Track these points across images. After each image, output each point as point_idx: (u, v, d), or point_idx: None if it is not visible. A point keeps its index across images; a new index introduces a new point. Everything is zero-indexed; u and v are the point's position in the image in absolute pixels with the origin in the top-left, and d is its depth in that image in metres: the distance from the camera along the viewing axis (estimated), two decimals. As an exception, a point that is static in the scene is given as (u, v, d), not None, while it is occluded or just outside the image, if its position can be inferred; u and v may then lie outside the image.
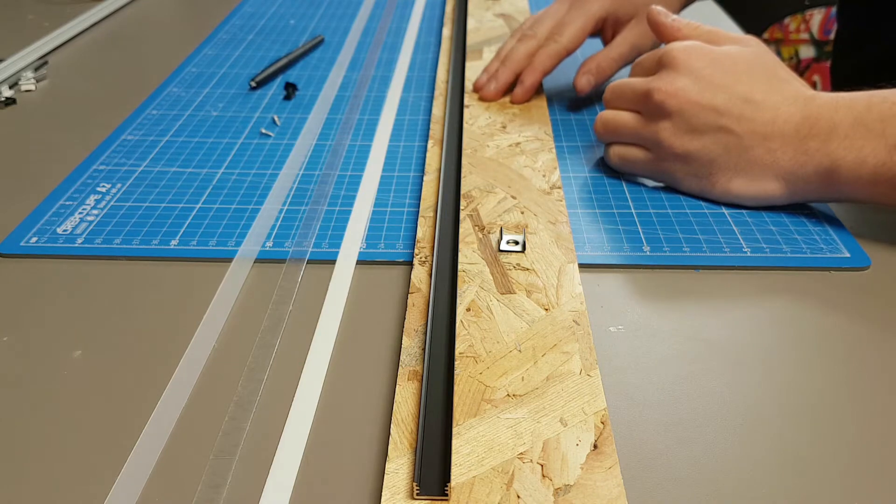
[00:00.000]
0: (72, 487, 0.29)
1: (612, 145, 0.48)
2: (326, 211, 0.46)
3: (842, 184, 0.40)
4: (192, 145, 0.54)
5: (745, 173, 0.42)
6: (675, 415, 0.32)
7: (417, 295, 0.37)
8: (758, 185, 0.42)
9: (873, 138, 0.39)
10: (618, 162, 0.48)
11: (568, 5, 0.59)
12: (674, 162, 0.44)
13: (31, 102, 0.62)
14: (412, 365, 0.33)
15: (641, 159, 0.46)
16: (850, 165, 0.39)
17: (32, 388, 0.33)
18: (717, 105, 0.42)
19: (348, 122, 0.57)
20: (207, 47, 0.72)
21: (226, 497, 0.28)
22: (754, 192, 0.43)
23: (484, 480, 0.27)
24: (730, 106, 0.42)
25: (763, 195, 0.43)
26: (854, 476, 0.29)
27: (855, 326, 0.37)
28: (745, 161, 0.42)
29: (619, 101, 0.47)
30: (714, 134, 0.42)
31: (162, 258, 0.42)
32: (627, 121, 0.46)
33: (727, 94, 0.42)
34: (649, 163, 0.46)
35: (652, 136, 0.45)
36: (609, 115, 0.48)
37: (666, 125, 0.44)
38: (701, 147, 0.43)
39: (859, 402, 0.32)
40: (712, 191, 0.44)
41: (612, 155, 0.48)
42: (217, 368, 0.34)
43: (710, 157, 0.43)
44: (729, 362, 0.34)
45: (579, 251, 0.41)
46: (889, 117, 0.38)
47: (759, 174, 0.42)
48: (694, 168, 0.44)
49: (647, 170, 0.46)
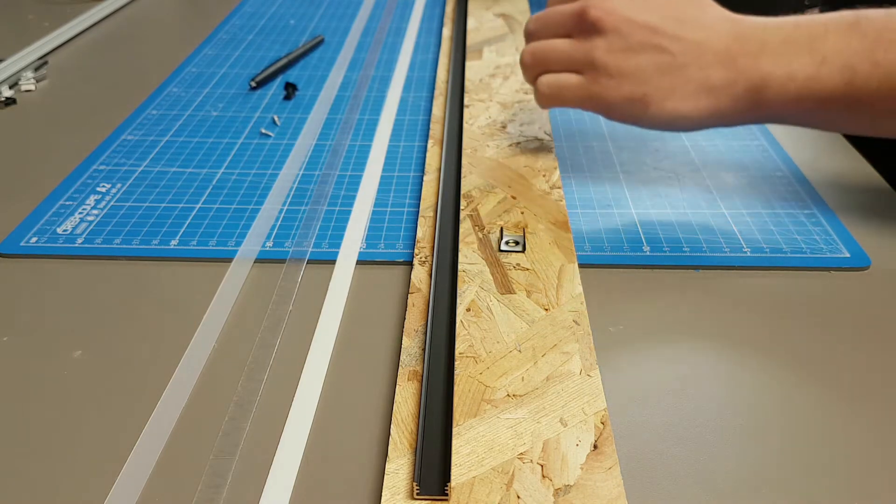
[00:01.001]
0: (72, 487, 0.29)
1: (540, 77, 0.46)
2: (326, 211, 0.46)
3: (770, 101, 0.41)
4: (192, 145, 0.54)
5: (678, 93, 0.42)
6: (675, 415, 0.32)
7: (417, 295, 0.37)
8: (689, 103, 0.42)
9: (802, 54, 0.40)
10: (548, 92, 0.45)
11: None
12: (607, 83, 0.43)
13: (31, 102, 0.62)
14: (412, 365, 0.33)
15: (573, 84, 0.44)
16: (779, 81, 0.40)
17: (32, 388, 0.33)
18: (653, 24, 0.42)
19: (348, 122, 0.57)
20: (207, 47, 0.72)
21: (226, 497, 0.28)
22: (685, 110, 0.42)
23: (484, 480, 0.27)
24: (664, 25, 0.42)
25: (694, 114, 0.42)
26: (854, 476, 0.29)
27: (855, 326, 0.37)
28: (678, 80, 0.42)
29: (545, 31, 0.46)
30: (649, 53, 0.42)
31: (162, 258, 0.42)
32: (558, 45, 0.45)
33: (661, 14, 0.42)
34: (581, 88, 0.44)
35: (586, 55, 0.43)
36: (537, 44, 0.46)
37: (600, 43, 0.43)
38: (636, 66, 0.42)
39: (859, 402, 0.32)
40: (645, 112, 0.43)
41: (542, 85, 0.45)
42: (217, 368, 0.34)
43: (645, 76, 0.42)
44: (729, 362, 0.34)
45: (579, 251, 0.41)
46: (817, 35, 0.40)
47: (691, 93, 0.42)
48: (628, 88, 0.42)
49: (579, 96, 0.44)
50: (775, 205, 0.46)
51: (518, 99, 0.58)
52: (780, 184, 0.48)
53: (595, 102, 0.44)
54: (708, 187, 0.48)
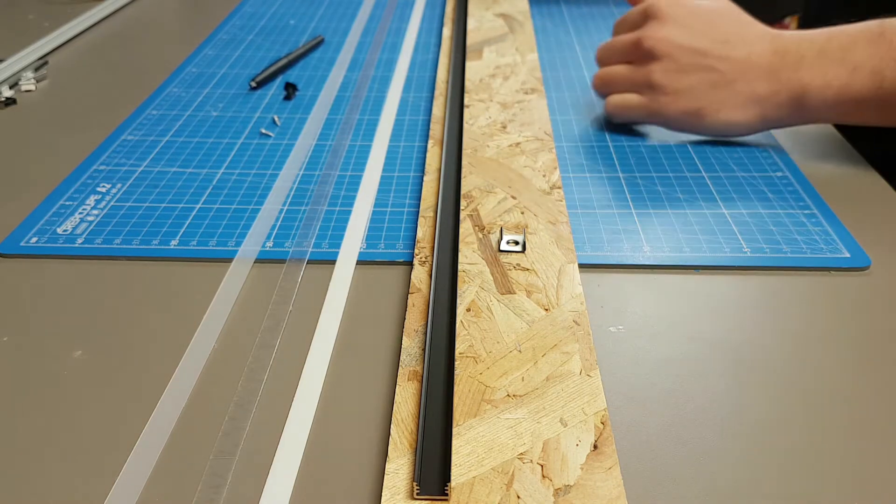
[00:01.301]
0: (72, 487, 0.29)
1: (609, 97, 0.54)
2: (326, 211, 0.46)
3: (811, 107, 0.47)
4: (192, 145, 0.54)
5: (729, 105, 0.49)
6: (675, 415, 0.32)
7: (417, 295, 0.37)
8: (739, 113, 0.49)
9: (836, 65, 0.46)
10: (614, 111, 0.53)
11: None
12: (665, 100, 0.50)
13: (31, 102, 0.62)
14: (412, 365, 0.33)
15: (636, 103, 0.52)
16: (817, 89, 0.46)
17: (32, 389, 0.33)
18: (701, 48, 0.49)
19: (348, 122, 0.57)
20: (207, 47, 0.72)
21: (226, 497, 0.28)
22: (737, 119, 0.49)
23: (484, 480, 0.27)
24: (712, 48, 0.49)
25: (744, 122, 0.50)
26: (854, 476, 0.29)
27: (855, 326, 0.37)
28: (728, 94, 0.49)
29: (610, 57, 0.54)
30: (700, 72, 0.49)
31: (162, 258, 0.42)
32: (621, 70, 0.53)
33: (709, 38, 0.49)
34: (643, 106, 0.51)
35: (645, 79, 0.51)
36: (604, 70, 0.54)
37: (657, 67, 0.50)
38: (689, 84, 0.49)
39: (859, 403, 0.32)
40: (701, 123, 0.50)
41: (610, 105, 0.53)
42: (217, 368, 0.34)
43: (698, 92, 0.49)
44: (729, 362, 0.34)
45: (579, 251, 0.41)
46: (847, 46, 0.46)
47: (740, 104, 0.49)
48: (683, 104, 0.50)
49: (642, 113, 0.52)
50: (775, 205, 0.46)
51: (518, 99, 0.58)
52: (780, 184, 0.48)
53: (656, 117, 0.52)
54: (708, 187, 0.48)
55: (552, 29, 0.76)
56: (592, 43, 0.73)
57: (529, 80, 0.61)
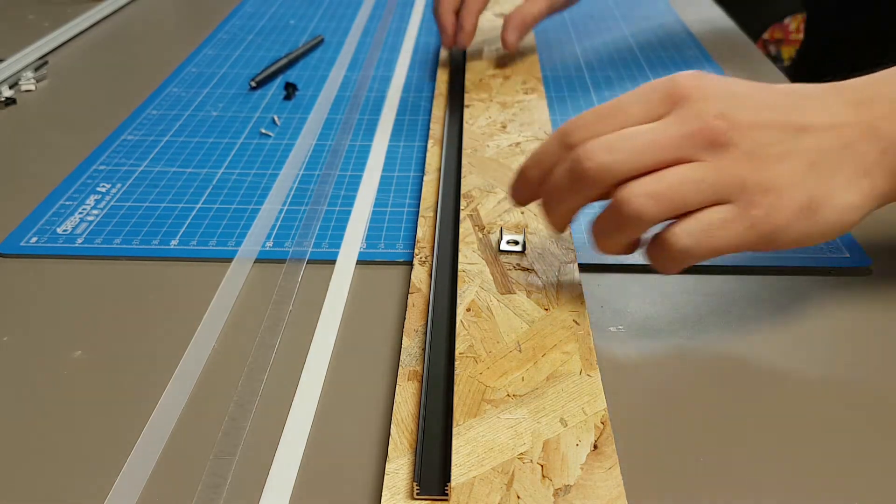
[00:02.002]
0: (72, 487, 0.29)
1: (674, 228, 0.33)
2: (326, 211, 0.46)
3: None
4: (192, 145, 0.54)
5: (839, 185, 0.33)
6: (674, 415, 0.32)
7: (417, 295, 0.37)
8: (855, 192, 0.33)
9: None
10: (692, 242, 0.32)
11: None
12: (765, 201, 0.32)
13: (31, 102, 0.62)
14: (412, 365, 0.33)
15: (726, 217, 0.32)
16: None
17: (32, 389, 0.33)
18: (773, 119, 0.33)
19: (348, 122, 0.57)
20: (207, 47, 0.72)
21: (226, 497, 0.28)
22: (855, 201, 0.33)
23: (484, 480, 0.27)
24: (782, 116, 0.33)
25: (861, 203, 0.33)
26: (855, 476, 0.29)
27: (855, 327, 0.37)
28: (831, 170, 0.33)
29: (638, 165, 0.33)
30: (792, 147, 0.33)
31: (162, 258, 0.42)
32: (690, 173, 0.32)
33: (767, 108, 0.34)
34: (737, 220, 0.32)
35: (729, 175, 0.32)
36: (652, 180, 0.32)
37: (737, 156, 0.32)
38: (785, 170, 0.32)
39: (860, 403, 0.32)
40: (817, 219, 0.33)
41: (683, 236, 0.32)
42: (217, 368, 0.34)
43: (798, 178, 0.33)
44: (729, 363, 0.34)
45: (579, 251, 0.41)
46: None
47: (850, 180, 0.33)
48: (789, 199, 0.32)
49: (738, 232, 0.32)
50: (775, 205, 0.46)
51: (518, 99, 0.58)
52: (780, 184, 0.48)
53: (759, 231, 0.32)
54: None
55: (552, 29, 0.76)
56: (593, 43, 0.73)
57: (529, 80, 0.61)
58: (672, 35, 0.74)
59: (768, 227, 0.32)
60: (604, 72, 0.66)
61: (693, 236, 0.32)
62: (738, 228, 0.32)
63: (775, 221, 0.32)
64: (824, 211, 0.33)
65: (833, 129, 0.33)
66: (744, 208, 0.32)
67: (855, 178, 0.33)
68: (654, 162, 0.32)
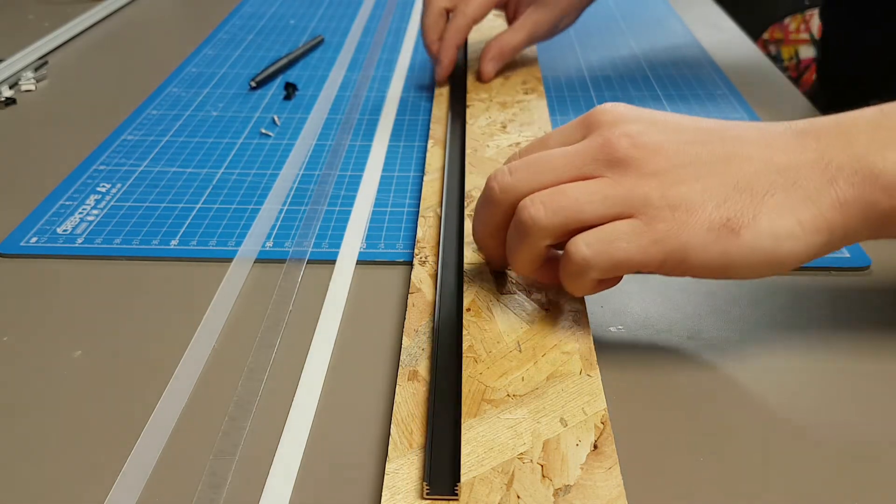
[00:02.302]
0: (72, 487, 0.29)
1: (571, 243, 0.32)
2: (326, 211, 0.46)
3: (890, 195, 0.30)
4: (192, 145, 0.54)
5: (768, 205, 0.30)
6: (674, 414, 0.32)
7: (417, 295, 0.37)
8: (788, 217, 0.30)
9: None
10: (591, 252, 0.31)
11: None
12: (673, 217, 0.31)
13: (31, 102, 0.62)
14: (412, 365, 0.33)
15: (627, 231, 0.31)
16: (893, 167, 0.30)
17: (32, 389, 0.33)
18: (694, 138, 0.32)
19: (348, 122, 0.57)
20: (207, 47, 0.72)
21: (226, 497, 0.28)
22: (787, 226, 0.30)
23: (484, 480, 0.27)
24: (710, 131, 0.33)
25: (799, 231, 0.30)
26: (855, 477, 0.29)
27: (855, 327, 0.37)
28: (761, 191, 0.30)
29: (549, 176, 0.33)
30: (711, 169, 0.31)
31: (162, 258, 0.42)
32: (587, 186, 0.32)
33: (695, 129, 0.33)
34: (639, 233, 0.31)
35: (631, 191, 0.31)
36: (551, 190, 0.32)
37: (645, 175, 0.31)
38: (702, 189, 0.31)
39: (860, 404, 0.32)
40: (736, 241, 0.30)
41: (581, 247, 0.31)
42: (217, 368, 0.34)
43: (719, 193, 0.31)
44: (729, 362, 0.34)
45: (579, 251, 0.41)
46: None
47: (783, 202, 0.30)
48: (703, 217, 0.30)
49: (639, 246, 0.31)
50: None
51: (518, 99, 0.58)
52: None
53: (665, 246, 0.30)
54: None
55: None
56: (592, 43, 0.73)
57: (529, 80, 0.61)
58: (672, 35, 0.74)
59: (675, 242, 0.30)
60: (603, 72, 0.66)
61: (592, 247, 0.31)
62: (641, 242, 0.31)
63: (682, 237, 0.30)
64: (747, 233, 0.30)
65: (765, 157, 0.31)
66: (648, 222, 0.31)
67: (792, 203, 0.30)
68: (554, 179, 0.32)
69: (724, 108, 0.59)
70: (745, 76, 0.64)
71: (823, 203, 0.30)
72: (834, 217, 0.30)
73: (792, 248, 0.30)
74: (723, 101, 0.60)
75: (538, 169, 0.33)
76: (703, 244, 0.30)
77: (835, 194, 0.30)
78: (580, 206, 0.31)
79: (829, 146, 0.31)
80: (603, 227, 0.31)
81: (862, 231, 0.31)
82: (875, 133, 0.30)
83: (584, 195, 0.31)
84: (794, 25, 1.22)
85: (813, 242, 0.30)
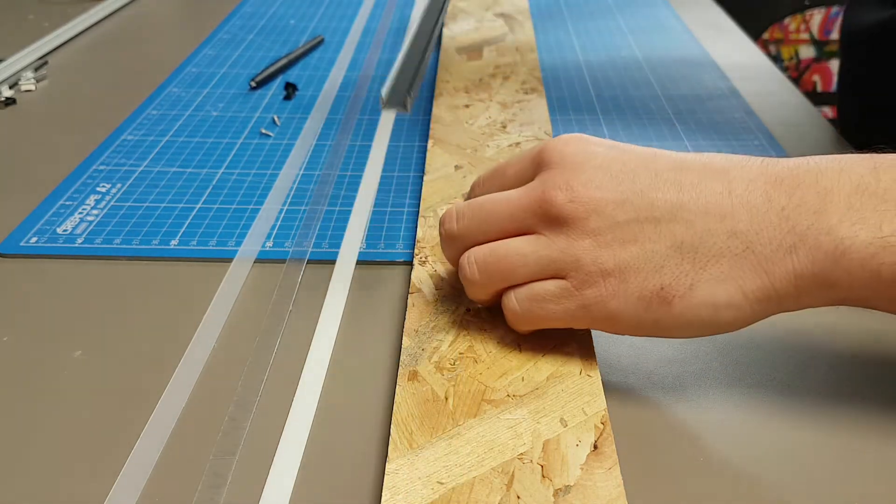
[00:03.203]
0: (72, 487, 0.29)
1: (506, 294, 0.33)
2: (326, 211, 0.46)
3: (852, 277, 0.27)
4: (192, 145, 0.54)
5: (708, 274, 0.29)
6: (675, 414, 0.32)
7: (417, 295, 0.37)
8: (727, 287, 0.28)
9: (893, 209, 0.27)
10: (521, 310, 0.32)
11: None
12: (604, 283, 0.30)
13: (31, 102, 0.62)
14: (412, 365, 0.33)
15: (554, 293, 0.31)
16: (862, 246, 0.27)
17: (32, 389, 0.33)
18: (645, 186, 0.30)
19: (348, 122, 0.57)
20: (207, 47, 0.72)
21: (226, 497, 0.28)
22: (724, 297, 0.29)
23: (484, 481, 0.27)
24: (660, 191, 0.30)
25: (739, 301, 0.29)
26: (854, 477, 0.29)
27: (855, 327, 0.37)
28: (705, 256, 0.29)
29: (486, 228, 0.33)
30: (653, 229, 0.29)
31: (162, 258, 0.42)
32: (521, 247, 0.32)
33: (651, 173, 0.30)
34: (567, 295, 0.31)
35: (563, 252, 0.30)
36: (488, 253, 0.32)
37: (580, 235, 0.30)
38: (639, 253, 0.30)
39: (860, 404, 0.32)
40: (667, 312, 0.29)
41: (512, 303, 0.32)
42: (217, 368, 0.34)
43: (655, 261, 0.29)
44: (728, 362, 0.34)
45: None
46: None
47: (728, 273, 0.28)
48: (635, 284, 0.29)
49: (566, 309, 0.31)
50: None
51: (518, 99, 0.58)
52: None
53: (593, 313, 0.30)
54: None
55: (552, 29, 0.76)
56: (592, 43, 0.73)
57: (529, 80, 0.61)
58: (672, 35, 0.74)
59: (603, 310, 0.30)
60: (603, 72, 0.66)
61: (522, 304, 0.32)
62: (568, 305, 0.31)
63: (611, 305, 0.30)
64: (680, 303, 0.29)
65: (721, 213, 0.29)
66: (577, 286, 0.30)
67: (739, 272, 0.28)
68: (495, 232, 0.32)
69: (724, 107, 0.59)
70: (745, 76, 0.64)
71: (776, 273, 0.28)
72: (786, 288, 0.28)
73: (733, 316, 0.29)
74: (722, 101, 0.60)
75: (482, 218, 0.33)
76: (633, 313, 0.30)
77: (790, 266, 0.28)
78: (513, 268, 0.32)
79: (799, 206, 0.28)
80: (533, 286, 0.32)
81: (817, 302, 0.29)
82: (855, 198, 0.28)
83: (517, 258, 0.31)
84: (794, 25, 1.22)
85: (758, 310, 0.29)
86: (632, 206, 0.30)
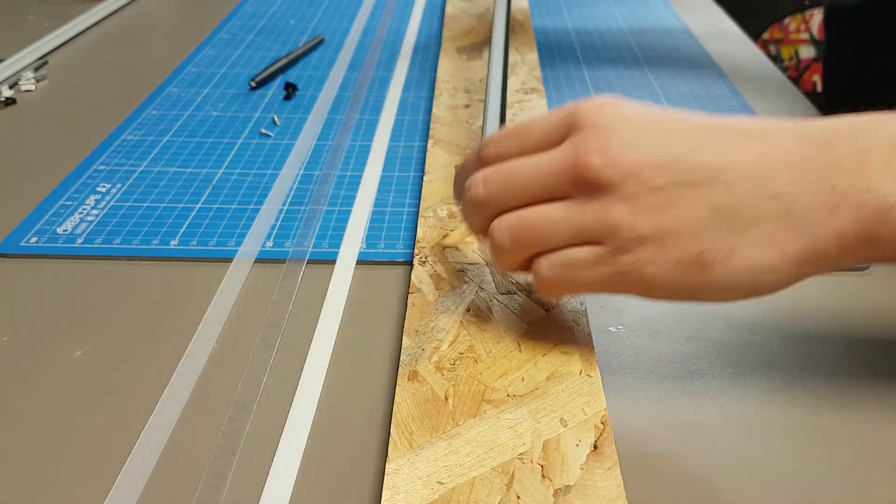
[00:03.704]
0: (72, 487, 0.29)
1: (537, 260, 0.31)
2: (326, 211, 0.46)
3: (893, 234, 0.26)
4: (192, 145, 0.54)
5: (748, 239, 0.28)
6: (675, 415, 0.32)
7: (417, 295, 0.37)
8: (769, 250, 0.28)
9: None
10: (552, 275, 0.31)
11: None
12: (641, 250, 0.29)
13: (31, 102, 0.62)
14: (412, 365, 0.33)
15: (590, 259, 0.30)
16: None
17: (32, 389, 0.33)
18: (682, 149, 0.29)
19: (348, 122, 0.57)
20: (207, 47, 0.72)
21: (226, 497, 0.28)
22: (766, 260, 0.28)
23: (484, 481, 0.27)
24: (697, 146, 0.29)
25: (781, 265, 0.28)
26: (853, 478, 0.29)
27: (854, 328, 0.37)
28: (745, 219, 0.28)
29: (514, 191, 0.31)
30: (692, 193, 0.28)
31: (162, 258, 0.42)
32: (553, 213, 0.30)
33: (688, 136, 0.29)
34: (602, 262, 0.30)
35: (598, 219, 0.29)
36: (516, 216, 0.31)
37: (616, 201, 0.29)
38: (678, 217, 0.28)
39: (860, 404, 0.32)
40: (707, 277, 0.28)
41: (548, 271, 0.31)
42: (217, 368, 0.34)
43: (694, 226, 0.28)
44: (728, 363, 0.34)
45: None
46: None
47: (769, 235, 0.28)
48: (673, 250, 0.28)
49: (602, 276, 0.30)
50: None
51: (518, 99, 0.58)
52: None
53: (628, 279, 0.29)
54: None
55: (552, 29, 0.76)
56: (593, 43, 0.73)
57: (529, 80, 0.61)
58: (672, 35, 0.74)
59: (639, 276, 0.29)
60: (604, 71, 0.66)
61: (554, 269, 0.31)
62: (603, 271, 0.30)
63: (648, 271, 0.29)
64: (719, 268, 0.28)
65: (761, 175, 0.28)
66: (612, 253, 0.29)
67: (781, 235, 0.28)
68: (528, 196, 0.31)
69: (725, 107, 0.59)
70: (745, 76, 0.64)
71: (818, 234, 0.27)
72: (827, 249, 0.27)
73: (773, 279, 0.28)
74: (723, 101, 0.60)
75: (511, 184, 0.31)
76: (671, 279, 0.29)
77: (834, 226, 0.27)
78: (545, 235, 0.31)
79: (839, 166, 0.27)
80: (566, 252, 0.30)
81: (856, 260, 0.28)
82: (893, 155, 0.27)
83: (550, 224, 0.30)
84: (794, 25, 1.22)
85: (798, 272, 0.28)
86: (670, 169, 0.29)
